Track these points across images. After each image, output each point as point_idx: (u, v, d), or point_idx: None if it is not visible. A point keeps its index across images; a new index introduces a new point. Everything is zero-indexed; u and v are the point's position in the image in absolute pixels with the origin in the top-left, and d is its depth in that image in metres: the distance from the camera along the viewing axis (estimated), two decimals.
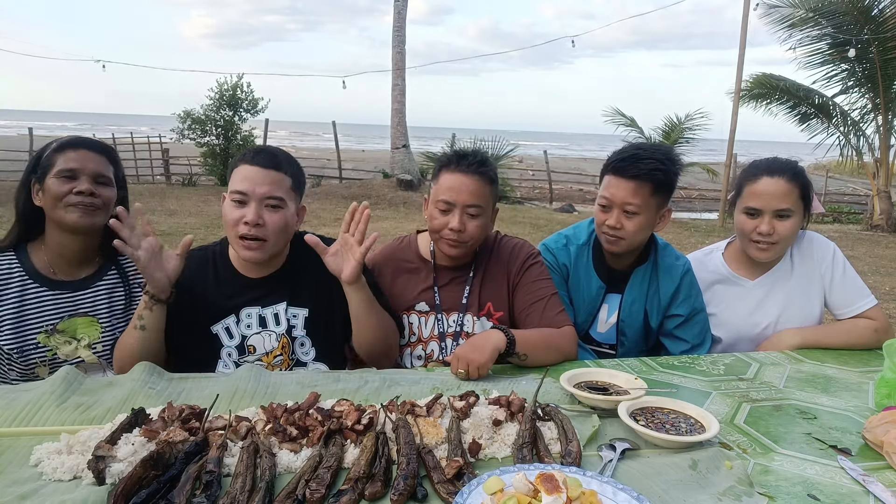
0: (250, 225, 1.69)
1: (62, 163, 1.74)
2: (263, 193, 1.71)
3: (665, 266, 2.13)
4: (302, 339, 1.85)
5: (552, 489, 0.99)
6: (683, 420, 1.36)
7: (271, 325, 1.83)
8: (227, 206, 1.74)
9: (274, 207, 1.73)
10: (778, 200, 2.00)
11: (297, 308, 1.85)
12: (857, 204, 18.69)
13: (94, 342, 1.82)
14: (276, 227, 1.73)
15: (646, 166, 1.93)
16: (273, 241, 1.75)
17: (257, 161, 1.73)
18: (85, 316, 1.83)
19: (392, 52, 16.36)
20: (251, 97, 16.70)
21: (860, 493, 1.16)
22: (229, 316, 1.81)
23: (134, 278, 1.93)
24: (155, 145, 18.62)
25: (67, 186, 1.73)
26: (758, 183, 2.03)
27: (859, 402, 1.60)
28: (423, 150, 18.35)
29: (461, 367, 1.64)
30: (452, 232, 1.87)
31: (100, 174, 1.78)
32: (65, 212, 1.74)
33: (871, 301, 2.09)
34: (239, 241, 1.73)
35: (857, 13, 11.95)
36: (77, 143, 1.80)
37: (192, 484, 1.06)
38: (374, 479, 1.11)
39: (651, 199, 1.97)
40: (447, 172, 1.90)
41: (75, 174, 1.74)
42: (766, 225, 2.01)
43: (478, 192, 1.87)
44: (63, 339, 1.79)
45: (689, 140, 15.21)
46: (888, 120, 12.74)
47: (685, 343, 2.11)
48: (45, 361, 1.77)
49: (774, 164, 2.05)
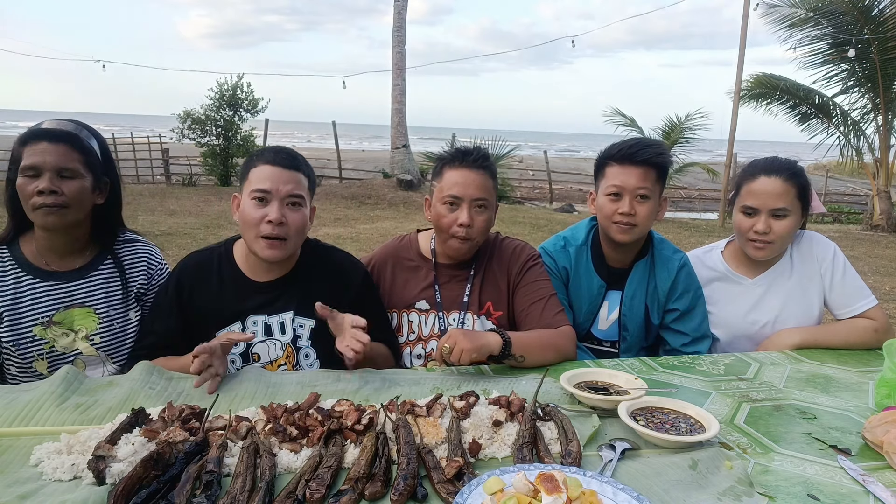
0: (274, 223, 1.69)
1: (26, 158, 1.66)
2: (287, 192, 1.72)
3: (662, 259, 2.16)
4: (307, 349, 1.84)
5: (552, 489, 0.99)
6: (683, 420, 1.36)
7: (277, 333, 1.81)
8: (248, 205, 1.72)
9: (295, 206, 1.74)
10: (774, 200, 2.00)
11: (305, 319, 1.83)
12: (857, 204, 18.71)
13: (91, 333, 1.79)
14: (297, 225, 1.74)
15: (651, 152, 2.01)
16: (294, 240, 1.76)
17: (278, 161, 1.74)
18: (81, 307, 1.79)
19: (392, 52, 16.36)
20: (251, 97, 16.70)
21: (860, 493, 1.16)
22: (235, 323, 1.80)
23: (130, 269, 1.89)
24: (155, 145, 18.61)
25: (31, 186, 1.66)
26: (755, 182, 2.04)
27: (859, 402, 1.60)
28: (423, 150, 18.34)
29: (449, 342, 1.62)
30: (462, 228, 1.88)
31: (63, 168, 1.67)
32: (33, 214, 1.69)
33: (871, 301, 2.09)
34: (260, 241, 1.71)
35: (857, 13, 11.95)
36: (38, 134, 1.69)
37: (192, 484, 1.06)
38: (374, 479, 1.11)
39: (656, 184, 2.03)
40: (452, 169, 1.91)
41: (38, 171, 1.66)
42: (762, 224, 2.02)
43: (483, 186, 1.90)
44: (60, 330, 1.76)
45: (689, 140, 15.21)
46: (888, 120, 12.74)
47: (685, 336, 2.12)
48: (42, 355, 1.74)
49: (772, 164, 2.06)
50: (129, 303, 1.87)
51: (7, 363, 1.77)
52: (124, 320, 1.85)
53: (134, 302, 1.88)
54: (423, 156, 17.32)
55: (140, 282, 1.90)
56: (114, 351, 1.82)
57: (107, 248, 1.88)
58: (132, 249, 1.93)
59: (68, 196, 1.69)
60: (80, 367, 1.76)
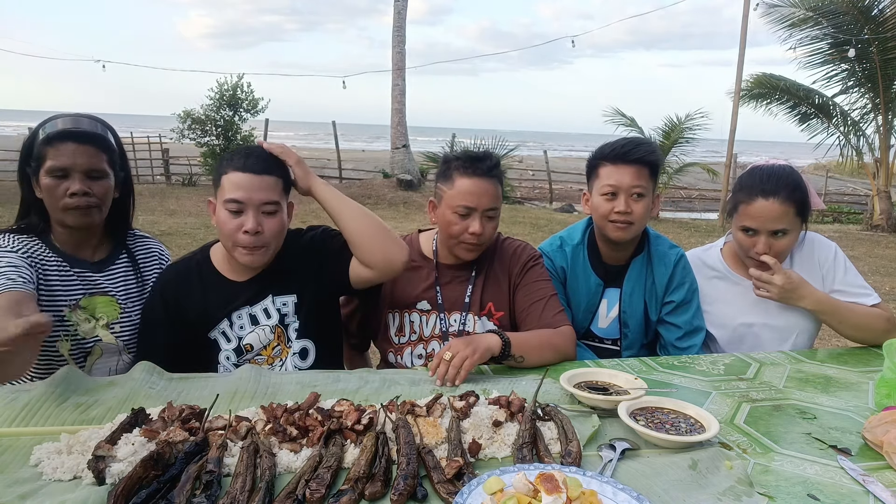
0: (250, 233, 1.68)
1: (52, 158, 1.67)
2: (261, 200, 1.69)
3: (659, 254, 2.17)
4: (294, 324, 1.85)
5: (552, 489, 0.99)
6: (683, 420, 1.36)
7: (263, 320, 1.83)
8: (223, 215, 1.70)
9: (271, 213, 1.72)
10: (773, 222, 1.98)
11: (285, 296, 1.84)
12: (857, 204, 18.69)
13: (112, 322, 1.82)
14: (274, 231, 1.73)
15: (644, 150, 2.03)
16: (273, 245, 1.76)
17: (248, 167, 1.69)
18: (105, 295, 1.82)
19: (392, 52, 16.35)
20: (251, 97, 16.69)
21: (860, 493, 1.16)
22: (222, 321, 1.82)
23: (143, 263, 1.94)
24: (155, 145, 18.61)
25: (61, 187, 1.68)
26: (752, 205, 1.99)
27: (859, 402, 1.60)
28: (423, 150, 18.33)
29: (451, 351, 1.62)
30: (474, 236, 1.88)
31: (92, 169, 1.71)
32: (63, 215, 1.72)
33: (875, 298, 2.09)
34: (239, 249, 1.71)
35: (857, 13, 11.95)
36: (66, 135, 1.69)
37: (192, 484, 1.06)
38: (374, 479, 1.11)
39: (650, 181, 2.05)
40: (464, 177, 1.89)
41: (67, 172, 1.68)
42: (762, 245, 2.01)
43: (495, 195, 1.91)
44: (84, 315, 1.78)
45: (689, 140, 15.20)
46: (888, 120, 12.73)
47: (678, 329, 2.13)
48: (68, 336, 1.75)
49: (769, 185, 1.98)
50: (144, 297, 1.90)
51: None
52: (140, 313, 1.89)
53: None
54: (423, 156, 17.31)
55: (156, 276, 1.95)
56: (131, 342, 1.86)
57: (121, 242, 1.92)
58: (144, 245, 1.99)
59: (98, 196, 1.73)
60: (97, 353, 1.80)
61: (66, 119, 1.73)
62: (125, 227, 1.94)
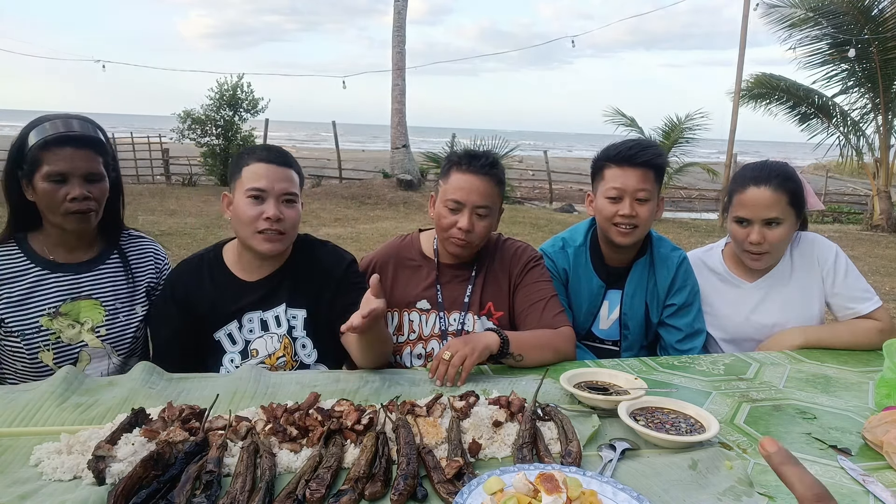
0: (272, 220, 1.72)
1: (50, 164, 1.66)
2: (282, 190, 1.75)
3: (661, 257, 2.17)
4: (303, 339, 1.86)
5: (552, 489, 0.99)
6: (683, 420, 1.36)
7: (273, 327, 1.84)
8: (244, 203, 1.74)
9: (290, 203, 1.77)
10: (765, 210, 1.98)
11: (296, 309, 1.86)
12: (857, 204, 18.69)
13: (97, 325, 1.81)
14: (293, 221, 1.78)
15: (650, 153, 2.02)
16: (290, 234, 1.80)
17: (271, 158, 1.77)
18: (88, 299, 1.81)
19: (392, 52, 16.34)
20: (251, 97, 16.69)
21: (860, 493, 1.16)
22: (231, 322, 1.82)
23: (137, 263, 1.93)
24: (155, 145, 18.61)
25: (60, 192, 1.68)
26: (745, 193, 2.01)
27: (859, 402, 1.60)
28: (423, 150, 18.33)
29: (449, 351, 1.62)
30: (461, 231, 1.88)
31: (91, 173, 1.72)
32: (63, 219, 1.72)
33: (875, 303, 2.07)
34: (258, 236, 1.74)
35: (857, 13, 11.94)
36: (63, 140, 1.68)
37: (192, 484, 1.06)
38: (374, 479, 1.11)
39: (655, 185, 2.05)
40: (458, 172, 1.91)
41: (66, 177, 1.68)
42: (755, 234, 2.01)
43: (487, 193, 1.89)
44: (66, 322, 1.78)
45: (689, 140, 15.21)
46: (888, 120, 12.72)
47: (678, 332, 2.13)
48: (48, 346, 1.75)
49: (761, 173, 2.01)
50: (135, 296, 1.90)
51: (10, 359, 1.77)
52: (130, 313, 1.87)
53: (143, 296, 1.92)
54: (423, 156, 17.31)
55: (150, 276, 1.95)
56: (118, 343, 1.84)
57: (112, 242, 1.91)
58: (138, 245, 1.98)
59: (96, 199, 1.75)
60: (84, 360, 1.79)
61: (56, 122, 1.71)
62: (116, 226, 1.93)
